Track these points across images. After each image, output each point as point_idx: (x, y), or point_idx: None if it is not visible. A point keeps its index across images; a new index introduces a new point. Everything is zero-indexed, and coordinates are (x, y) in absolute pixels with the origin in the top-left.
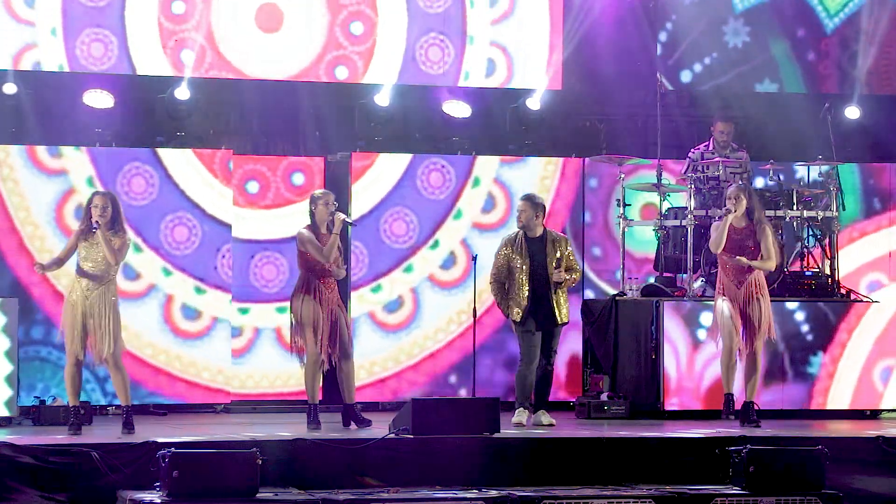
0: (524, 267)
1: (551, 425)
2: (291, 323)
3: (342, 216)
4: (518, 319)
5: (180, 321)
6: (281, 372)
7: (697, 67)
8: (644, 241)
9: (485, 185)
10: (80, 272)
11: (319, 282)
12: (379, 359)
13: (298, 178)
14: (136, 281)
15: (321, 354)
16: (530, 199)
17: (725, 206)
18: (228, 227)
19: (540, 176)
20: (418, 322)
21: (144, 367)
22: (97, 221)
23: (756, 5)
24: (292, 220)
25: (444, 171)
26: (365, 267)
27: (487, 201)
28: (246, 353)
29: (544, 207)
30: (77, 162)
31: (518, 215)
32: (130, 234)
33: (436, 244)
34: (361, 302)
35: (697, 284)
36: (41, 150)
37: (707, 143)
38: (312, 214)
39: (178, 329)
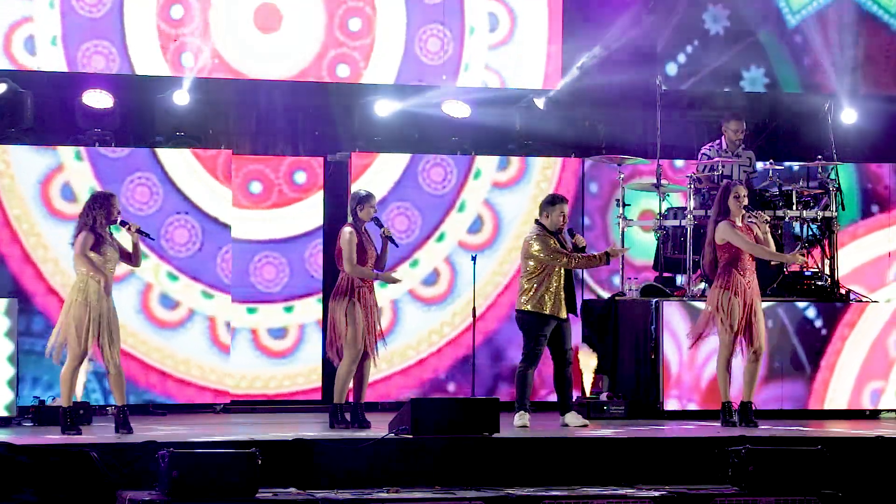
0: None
1: (584, 426)
2: (330, 323)
3: (388, 232)
4: (548, 312)
5: (167, 315)
6: (278, 372)
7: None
8: (643, 247)
9: (484, 180)
10: (100, 274)
11: (361, 283)
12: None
13: (300, 177)
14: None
15: (360, 356)
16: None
17: (741, 204)
18: (228, 227)
19: (531, 196)
20: (394, 336)
21: (138, 364)
22: (123, 221)
23: None
24: (291, 220)
25: (445, 167)
26: None
27: (475, 222)
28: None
29: None
30: (77, 167)
31: (563, 216)
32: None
33: (441, 237)
34: None
35: (700, 286)
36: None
37: (718, 141)
38: (355, 213)
39: (160, 321)
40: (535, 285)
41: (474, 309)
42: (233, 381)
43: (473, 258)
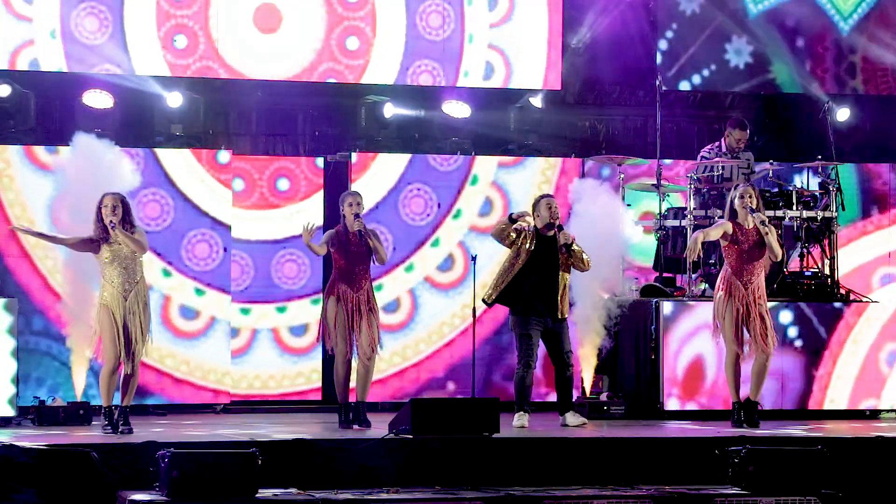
0: (524, 257)
1: (583, 425)
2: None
3: (358, 225)
4: (519, 312)
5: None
6: (276, 372)
7: (696, 79)
8: (643, 248)
9: (463, 222)
10: (111, 276)
11: (344, 282)
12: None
13: (283, 184)
14: None
15: (348, 354)
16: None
17: (745, 205)
18: (228, 227)
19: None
20: None
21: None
22: (111, 221)
23: (770, 9)
24: (267, 224)
25: (426, 199)
26: None
27: (446, 260)
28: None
29: None
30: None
31: (554, 211)
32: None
33: (410, 268)
34: None
35: (701, 287)
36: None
37: (717, 143)
38: (343, 215)
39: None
40: (504, 278)
41: (474, 309)
42: (173, 363)
43: (473, 258)
